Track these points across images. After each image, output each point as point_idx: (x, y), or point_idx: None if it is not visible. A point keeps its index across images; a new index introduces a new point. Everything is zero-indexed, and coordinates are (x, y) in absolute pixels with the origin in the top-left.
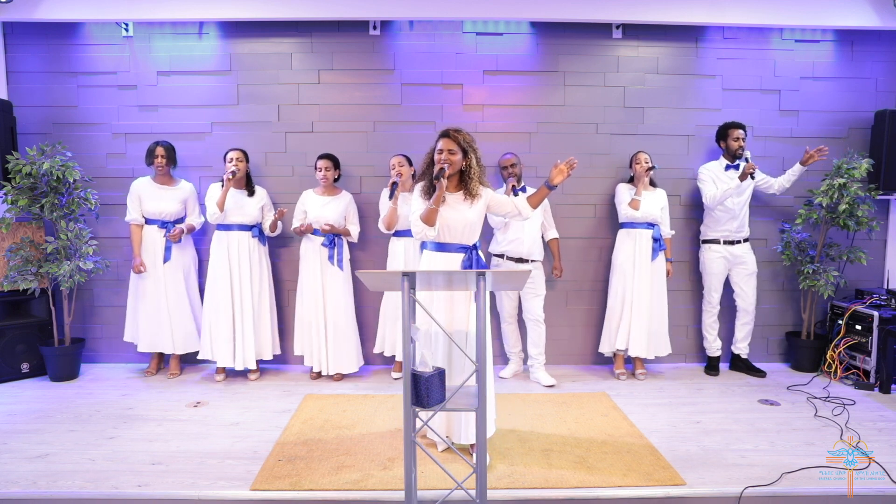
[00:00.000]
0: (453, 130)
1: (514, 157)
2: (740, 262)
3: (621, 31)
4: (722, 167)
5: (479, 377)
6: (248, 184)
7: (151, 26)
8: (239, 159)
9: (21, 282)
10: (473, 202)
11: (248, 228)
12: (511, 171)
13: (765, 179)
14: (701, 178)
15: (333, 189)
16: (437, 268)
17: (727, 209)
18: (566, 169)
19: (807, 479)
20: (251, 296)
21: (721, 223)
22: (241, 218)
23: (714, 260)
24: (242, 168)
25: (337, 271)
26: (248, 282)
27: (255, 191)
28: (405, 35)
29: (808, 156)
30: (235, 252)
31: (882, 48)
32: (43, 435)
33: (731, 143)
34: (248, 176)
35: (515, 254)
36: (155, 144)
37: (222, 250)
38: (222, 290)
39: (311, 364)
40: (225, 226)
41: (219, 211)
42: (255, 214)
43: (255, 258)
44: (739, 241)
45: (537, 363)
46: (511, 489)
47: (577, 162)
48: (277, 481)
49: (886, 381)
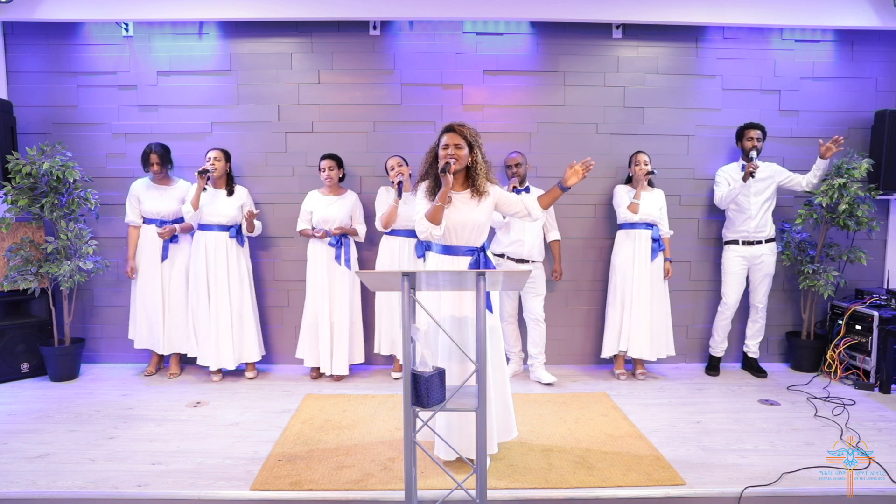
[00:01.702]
0: (458, 124)
1: (519, 156)
2: (758, 263)
3: (621, 31)
4: (738, 168)
5: (479, 377)
6: (227, 183)
7: (151, 26)
8: (217, 158)
9: (21, 282)
10: (481, 200)
11: (225, 229)
12: (515, 170)
13: (789, 178)
14: (716, 179)
15: (338, 189)
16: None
17: (741, 209)
18: (582, 170)
19: (807, 479)
20: (228, 296)
21: (736, 223)
22: (217, 218)
23: (732, 259)
24: (220, 167)
25: (344, 271)
26: (226, 282)
27: (234, 191)
28: (405, 35)
29: (826, 148)
30: (213, 252)
31: (882, 48)
32: (43, 435)
33: (745, 143)
34: (230, 176)
35: (516, 254)
36: (148, 150)
37: (200, 250)
38: (201, 290)
39: (314, 363)
40: (204, 225)
41: (192, 209)
42: (233, 214)
43: (232, 258)
44: (760, 241)
45: (537, 362)
46: (511, 489)
47: (594, 163)
48: (277, 481)
49: (886, 381)
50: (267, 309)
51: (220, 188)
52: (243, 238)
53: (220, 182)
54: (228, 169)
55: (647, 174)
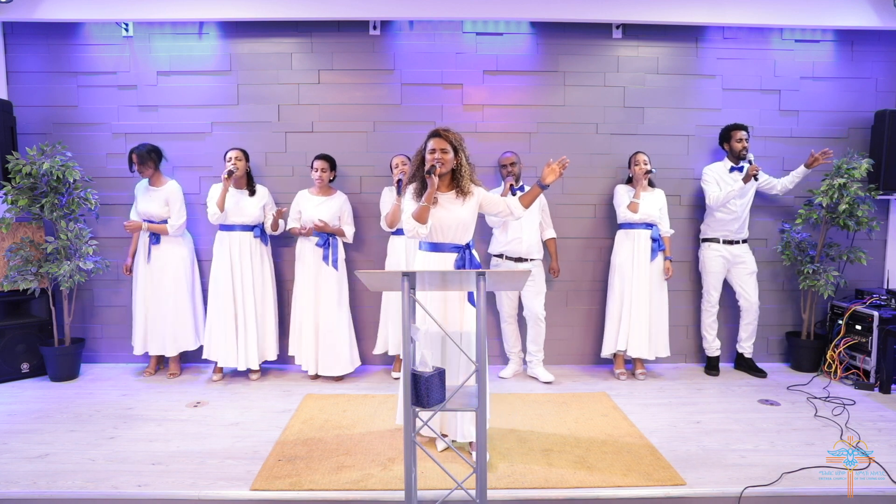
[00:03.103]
0: (443, 130)
1: (513, 155)
2: (739, 262)
3: (621, 31)
4: (726, 169)
5: (479, 377)
6: (248, 183)
7: (151, 26)
8: (238, 158)
9: (21, 282)
10: (465, 200)
11: (249, 228)
12: (510, 169)
13: (767, 180)
14: (705, 179)
15: (328, 189)
16: (431, 268)
17: (730, 211)
18: (558, 168)
19: (807, 479)
20: (253, 296)
21: (723, 224)
22: (242, 218)
23: (713, 259)
24: (241, 167)
25: (331, 272)
26: (251, 282)
27: (256, 190)
28: (405, 35)
29: (813, 159)
30: (237, 252)
31: (882, 48)
32: (43, 435)
33: (735, 144)
34: (250, 175)
35: (515, 253)
36: (130, 151)
37: (224, 251)
38: (224, 290)
39: (303, 365)
40: (227, 226)
41: (219, 211)
42: (257, 214)
43: (256, 258)
44: (739, 241)
45: (536, 360)
46: (511, 489)
47: (570, 161)
48: (277, 481)
49: (886, 381)
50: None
51: (241, 188)
52: (267, 237)
53: (241, 182)
54: (248, 168)
55: (647, 173)
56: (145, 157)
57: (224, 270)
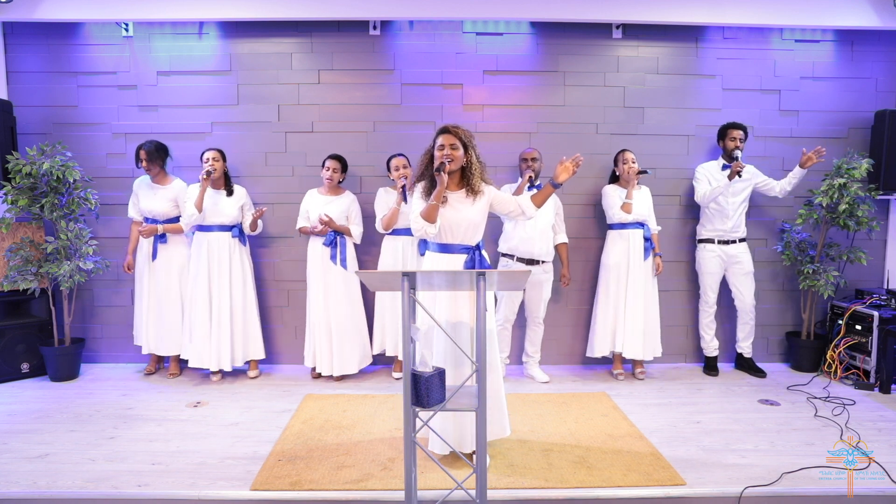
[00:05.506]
0: (452, 126)
1: (535, 151)
2: (736, 262)
3: (621, 31)
4: (719, 167)
5: (479, 377)
6: (226, 183)
7: (151, 26)
8: (216, 159)
9: (21, 282)
10: (476, 199)
11: (227, 229)
12: (531, 164)
13: (765, 181)
14: (696, 176)
15: (337, 189)
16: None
17: (720, 207)
18: (572, 166)
19: (807, 479)
20: (230, 297)
21: (713, 222)
22: (219, 218)
23: (709, 259)
24: (219, 168)
25: (340, 271)
26: (228, 283)
27: (233, 190)
28: (405, 35)
29: (807, 158)
30: (216, 253)
31: (882, 48)
32: (43, 435)
33: (728, 143)
34: (227, 175)
35: (526, 254)
36: (139, 147)
37: (202, 251)
38: (201, 291)
39: (315, 366)
40: (204, 227)
41: (197, 212)
42: (235, 214)
43: (235, 258)
44: (735, 241)
45: (532, 360)
46: (511, 489)
47: (584, 159)
48: (277, 481)
49: (886, 381)
50: (267, 309)
51: (219, 188)
52: (245, 237)
53: (218, 182)
54: (226, 168)
55: (639, 173)
56: (154, 154)
57: (201, 271)
